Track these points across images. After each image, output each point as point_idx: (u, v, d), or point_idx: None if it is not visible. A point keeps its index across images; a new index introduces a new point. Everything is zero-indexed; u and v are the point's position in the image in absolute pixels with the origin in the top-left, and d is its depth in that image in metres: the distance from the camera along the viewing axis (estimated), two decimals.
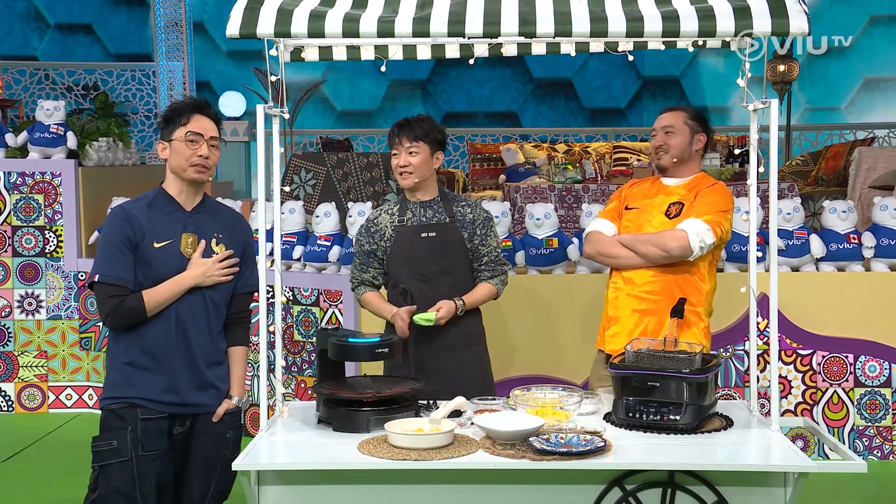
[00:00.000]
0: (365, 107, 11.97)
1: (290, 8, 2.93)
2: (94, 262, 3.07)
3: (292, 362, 5.49)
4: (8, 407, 6.42)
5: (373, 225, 3.75)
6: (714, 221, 3.52)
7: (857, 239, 5.20)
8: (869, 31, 11.64)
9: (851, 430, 5.16)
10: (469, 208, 3.74)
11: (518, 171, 8.75)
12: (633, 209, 3.71)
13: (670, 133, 3.64)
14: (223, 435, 3.15)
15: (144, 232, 3.04)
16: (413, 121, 3.66)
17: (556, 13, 2.89)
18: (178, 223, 3.09)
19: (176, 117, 3.10)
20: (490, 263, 3.73)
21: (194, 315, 3.07)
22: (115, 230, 3.04)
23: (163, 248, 3.05)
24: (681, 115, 3.68)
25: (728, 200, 3.61)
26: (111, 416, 3.04)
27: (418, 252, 3.65)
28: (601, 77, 11.82)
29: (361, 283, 3.77)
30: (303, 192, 7.22)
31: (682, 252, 3.50)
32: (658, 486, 2.72)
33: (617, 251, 3.64)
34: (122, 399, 3.03)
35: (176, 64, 10.05)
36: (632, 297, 3.63)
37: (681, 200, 3.61)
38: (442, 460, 2.70)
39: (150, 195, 3.15)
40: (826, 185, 8.44)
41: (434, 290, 3.63)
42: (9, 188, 6.39)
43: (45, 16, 11.66)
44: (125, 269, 3.01)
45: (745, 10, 2.86)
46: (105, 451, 3.00)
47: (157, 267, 3.04)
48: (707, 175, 3.72)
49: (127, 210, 3.08)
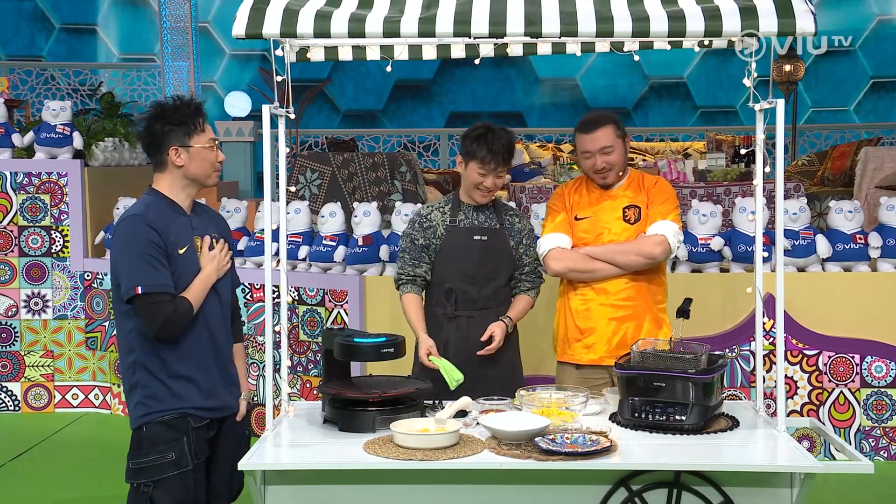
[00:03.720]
0: (370, 107, 11.97)
1: (295, 8, 2.94)
2: (125, 274, 2.93)
3: (298, 362, 5.49)
4: (14, 406, 6.44)
5: (425, 220, 3.74)
6: (677, 218, 3.62)
7: (864, 239, 5.19)
8: (876, 31, 11.61)
9: (858, 431, 5.15)
10: (517, 218, 3.79)
11: (523, 171, 8.74)
12: (583, 219, 3.68)
13: (609, 152, 3.60)
14: (244, 434, 3.19)
15: (169, 238, 2.97)
16: (506, 144, 3.62)
17: (561, 13, 2.89)
18: (187, 227, 3.05)
19: (188, 122, 3.01)
20: (530, 274, 3.77)
21: (214, 315, 3.07)
22: (141, 237, 2.92)
23: (185, 253, 3.00)
24: (609, 129, 3.61)
25: (674, 193, 3.69)
26: (163, 429, 2.95)
27: (469, 254, 3.67)
28: (607, 77, 11.81)
29: (411, 280, 3.72)
30: (308, 193, 7.22)
31: (665, 255, 3.60)
32: (664, 486, 2.72)
33: (590, 265, 3.62)
34: (172, 411, 2.97)
35: (181, 64, 10.05)
36: (606, 307, 3.64)
37: (633, 203, 3.63)
38: (447, 460, 2.70)
39: (152, 200, 3.04)
40: (832, 185, 8.41)
41: (478, 292, 3.67)
42: (15, 188, 6.40)
43: (51, 16, 11.68)
44: (164, 275, 2.92)
45: (752, 9, 2.86)
46: (161, 464, 2.93)
47: (183, 273, 2.98)
48: (635, 169, 3.76)
49: (145, 217, 2.96)
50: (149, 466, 2.94)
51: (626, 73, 11.73)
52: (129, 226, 2.96)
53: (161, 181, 3.06)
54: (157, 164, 3.06)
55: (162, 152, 3.02)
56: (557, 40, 3.37)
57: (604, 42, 3.45)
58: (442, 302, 3.68)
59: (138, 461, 2.96)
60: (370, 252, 5.30)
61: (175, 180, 3.05)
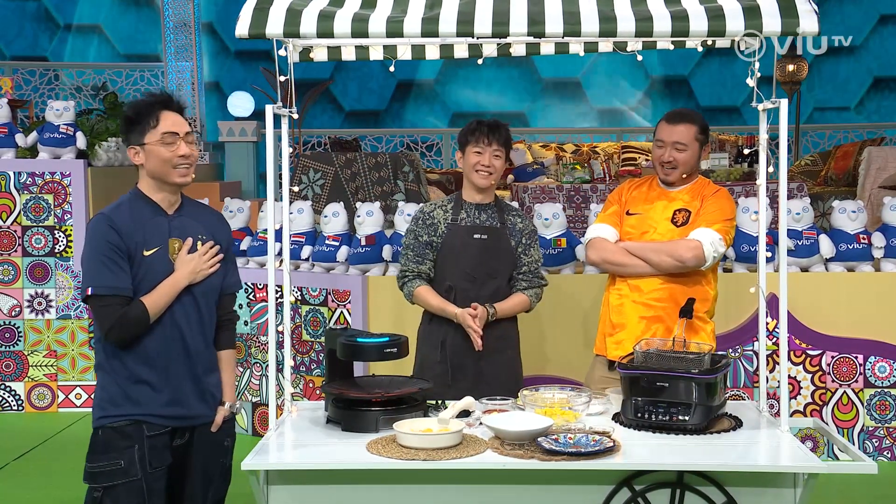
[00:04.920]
0: (373, 107, 11.97)
1: (298, 8, 2.94)
2: (83, 275, 2.88)
3: (301, 362, 5.49)
4: (18, 406, 6.44)
5: (428, 217, 3.76)
6: (723, 230, 3.52)
7: (867, 239, 5.18)
8: (879, 31, 11.59)
9: (861, 431, 5.14)
10: (519, 218, 3.80)
11: (526, 171, 8.75)
12: (634, 214, 3.68)
13: (681, 150, 3.58)
14: (221, 444, 3.07)
15: (134, 239, 2.86)
16: (501, 125, 3.70)
17: (565, 13, 2.89)
18: (164, 228, 2.93)
19: (143, 118, 2.90)
20: (528, 274, 3.75)
21: (189, 320, 2.94)
22: (101, 238, 2.83)
23: (153, 255, 2.89)
24: (692, 129, 3.59)
25: (732, 207, 3.61)
26: (114, 435, 2.86)
27: (469, 252, 3.68)
28: (610, 77, 11.80)
29: (417, 276, 3.73)
30: (311, 192, 7.22)
31: (696, 262, 3.51)
32: (667, 486, 2.72)
33: (624, 259, 3.61)
34: (126, 417, 2.86)
35: (185, 64, 10.07)
36: (639, 305, 3.62)
37: (686, 207, 3.59)
38: (450, 460, 2.70)
39: (127, 199, 2.94)
40: (835, 184, 8.40)
41: (478, 291, 3.67)
42: (19, 188, 6.41)
43: (55, 16, 11.69)
44: (119, 277, 2.82)
45: (755, 9, 2.86)
46: (111, 471, 2.84)
47: (149, 276, 2.87)
48: (705, 178, 3.71)
49: (110, 216, 2.87)
50: (100, 472, 2.86)
51: (629, 73, 11.71)
52: (94, 225, 2.89)
53: (142, 180, 2.98)
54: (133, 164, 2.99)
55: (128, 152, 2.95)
56: (561, 40, 3.37)
57: (607, 42, 3.44)
58: None
59: (93, 465, 2.88)
60: (373, 252, 5.31)
61: (146, 179, 2.95)
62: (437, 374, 3.60)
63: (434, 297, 3.69)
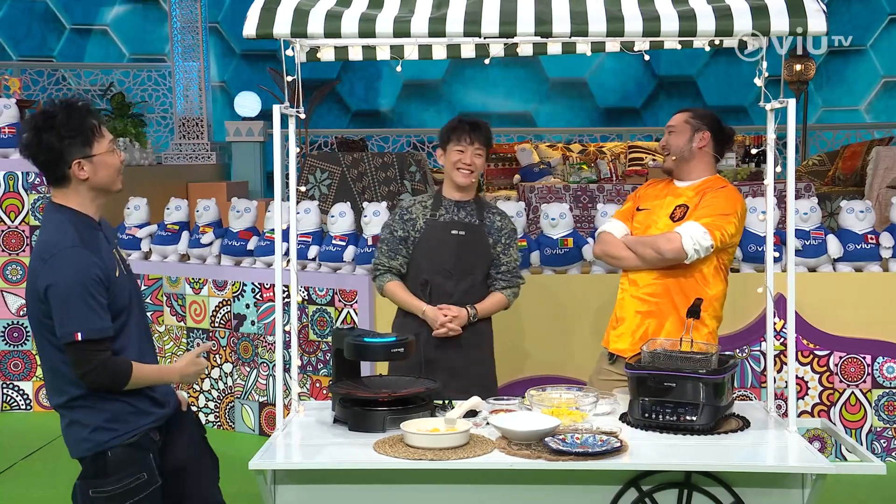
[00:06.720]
0: (380, 107, 11.97)
1: (306, 8, 2.94)
2: (65, 315, 2.63)
3: (307, 362, 5.50)
4: (26, 405, 6.46)
5: (406, 213, 3.81)
6: (714, 225, 3.46)
7: (875, 239, 5.17)
8: (888, 31, 11.56)
9: (869, 432, 5.13)
10: (499, 217, 3.84)
11: (533, 171, 8.74)
12: (643, 210, 3.72)
13: (672, 133, 3.65)
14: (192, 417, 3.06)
15: (106, 265, 2.72)
16: (482, 124, 3.77)
17: (572, 13, 2.89)
18: (104, 241, 2.81)
19: (86, 130, 2.73)
20: (507, 273, 3.80)
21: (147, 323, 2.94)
22: (85, 273, 2.65)
23: (119, 274, 2.78)
24: (685, 114, 3.67)
25: (733, 204, 3.54)
26: (129, 451, 2.75)
27: (446, 248, 3.72)
28: (616, 77, 11.78)
29: (388, 271, 3.80)
30: (318, 192, 7.23)
31: (675, 255, 3.48)
32: (674, 486, 2.71)
33: (620, 252, 3.66)
34: (139, 429, 2.78)
35: (192, 64, 10.07)
36: (635, 299, 3.64)
37: (686, 203, 3.59)
38: (458, 460, 2.70)
39: (69, 221, 2.74)
40: (843, 184, 8.38)
41: (454, 286, 3.72)
42: (27, 188, 6.43)
43: (62, 17, 11.72)
44: (104, 318, 2.67)
45: (763, 9, 2.85)
46: (136, 486, 2.74)
47: (119, 296, 2.75)
48: (721, 178, 3.68)
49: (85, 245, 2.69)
50: (124, 491, 2.73)
51: (636, 73, 11.70)
52: (71, 258, 2.66)
53: (67, 196, 2.77)
54: (58, 180, 2.75)
55: (64, 167, 2.73)
56: (568, 40, 3.36)
57: (614, 42, 3.44)
58: (417, 294, 3.73)
59: (103, 490, 2.73)
60: None
61: (83, 193, 2.77)
62: (410, 366, 3.60)
63: (404, 292, 3.76)
